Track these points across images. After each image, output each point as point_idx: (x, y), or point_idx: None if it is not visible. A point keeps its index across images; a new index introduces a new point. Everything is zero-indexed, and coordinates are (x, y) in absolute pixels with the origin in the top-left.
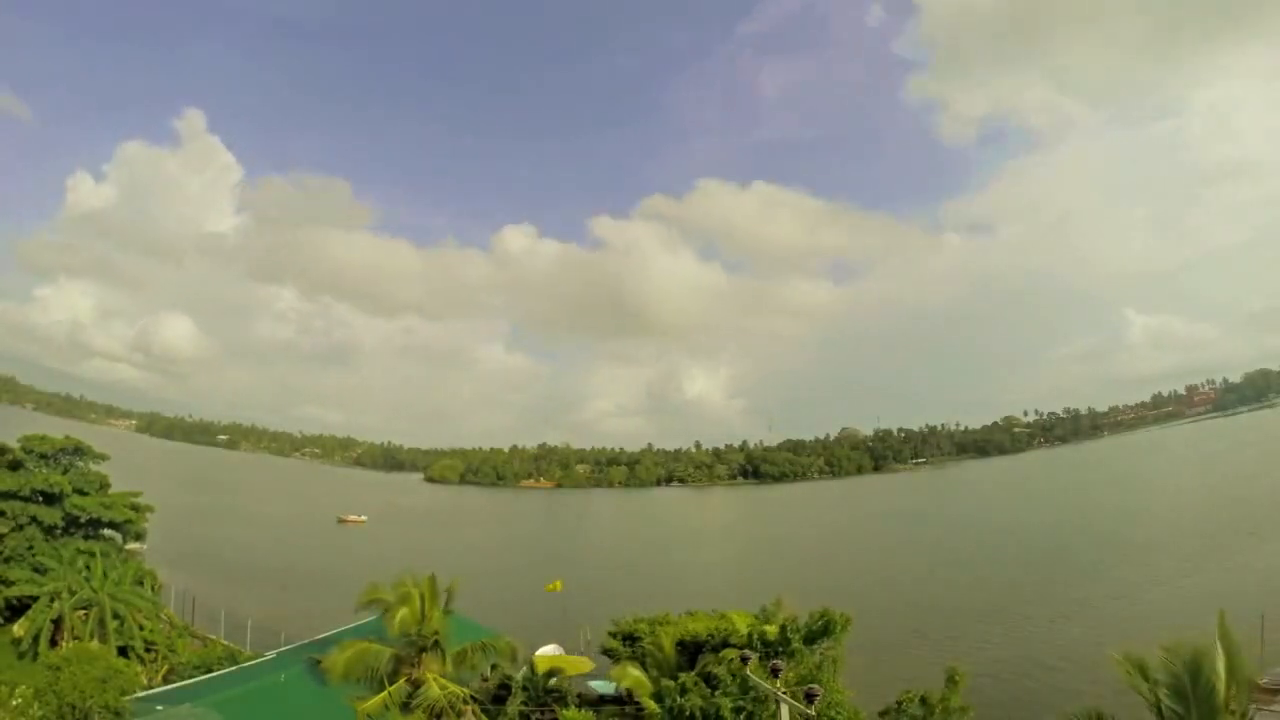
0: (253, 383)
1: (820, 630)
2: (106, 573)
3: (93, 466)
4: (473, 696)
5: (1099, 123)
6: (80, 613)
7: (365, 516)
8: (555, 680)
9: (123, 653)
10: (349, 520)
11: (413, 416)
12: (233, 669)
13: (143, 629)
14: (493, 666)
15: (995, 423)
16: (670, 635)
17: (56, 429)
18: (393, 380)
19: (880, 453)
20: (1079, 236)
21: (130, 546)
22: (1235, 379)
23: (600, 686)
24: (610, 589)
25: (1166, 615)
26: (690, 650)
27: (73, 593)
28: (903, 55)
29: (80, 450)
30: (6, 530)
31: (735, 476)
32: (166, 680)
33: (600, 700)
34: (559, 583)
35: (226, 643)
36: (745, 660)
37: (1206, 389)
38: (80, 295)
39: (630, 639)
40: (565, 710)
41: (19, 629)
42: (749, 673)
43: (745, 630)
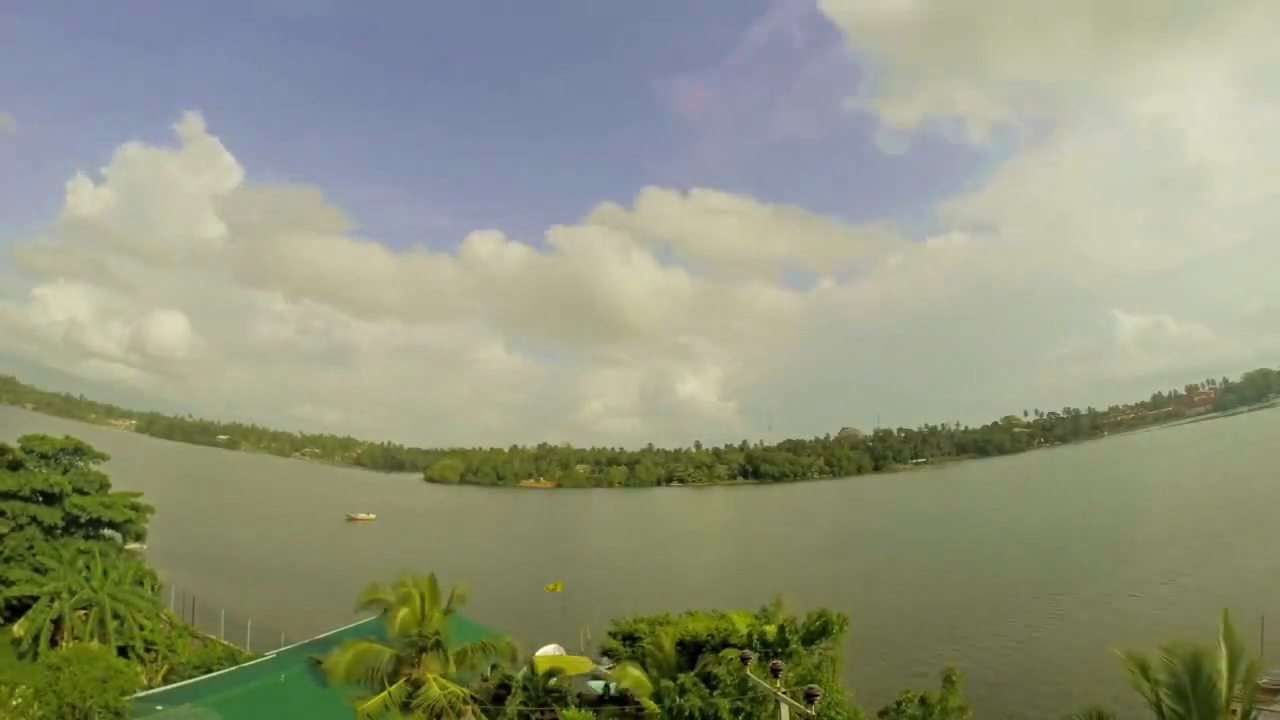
0: (250, 383)
1: (819, 630)
2: (106, 573)
3: (93, 466)
4: (473, 696)
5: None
6: (80, 613)
7: (374, 515)
8: (555, 680)
9: (123, 653)
10: (359, 519)
11: (410, 416)
12: (233, 669)
13: (143, 629)
14: (493, 666)
15: (995, 423)
16: (670, 635)
17: (56, 429)
18: (389, 381)
19: (880, 453)
20: (1074, 237)
21: (130, 546)
22: (1235, 379)
23: (600, 686)
24: (610, 589)
25: (1167, 615)
26: (690, 650)
27: (73, 593)
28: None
29: (80, 450)
30: (6, 530)
31: (735, 476)
32: (166, 680)
33: (600, 700)
34: (559, 584)
35: (226, 643)
36: (745, 660)
37: (1206, 389)
38: (79, 296)
39: (630, 639)
40: (565, 710)
41: (19, 629)
42: (749, 673)
43: (745, 630)
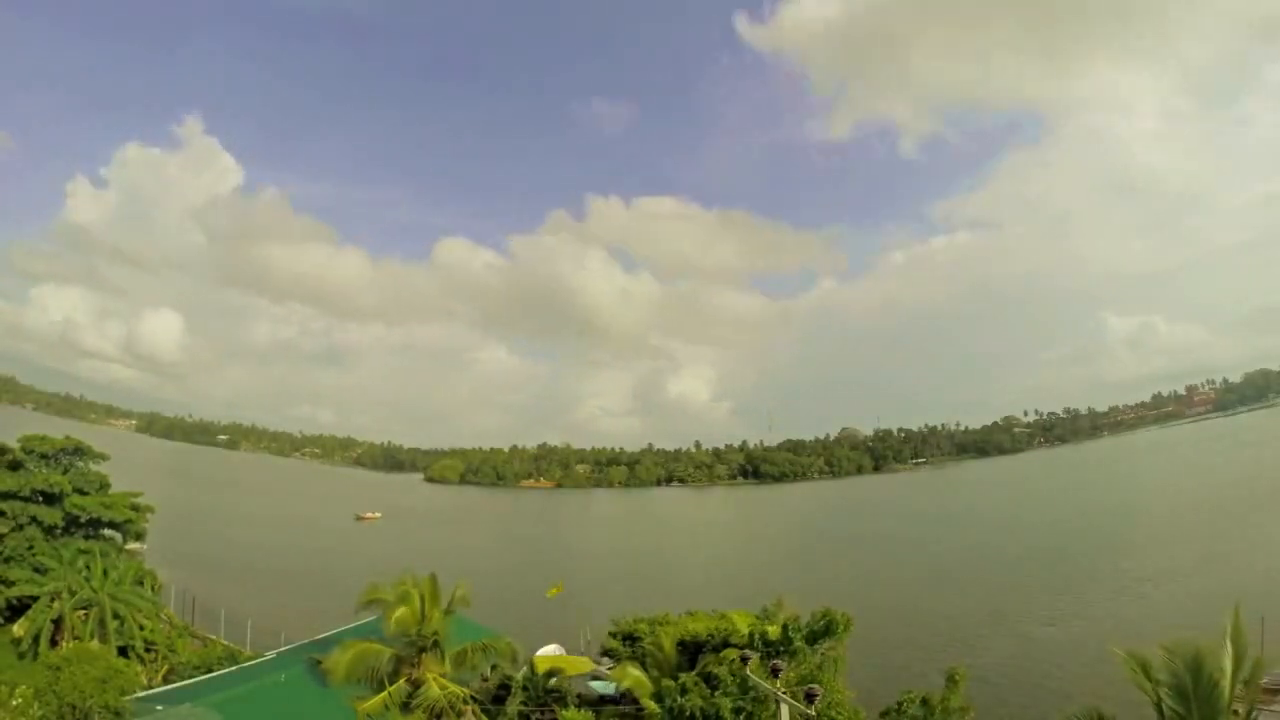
0: (248, 383)
1: (822, 630)
2: (107, 572)
3: (92, 466)
4: (473, 696)
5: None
6: (80, 613)
7: (380, 514)
8: (555, 680)
9: (123, 653)
10: (366, 517)
11: (407, 416)
12: (233, 669)
13: (143, 629)
14: (493, 667)
15: (995, 423)
16: (670, 635)
17: (56, 429)
18: (383, 381)
19: (880, 453)
20: (1070, 238)
21: (130, 546)
22: (1235, 379)
23: (600, 686)
24: (610, 589)
25: (1167, 616)
26: (690, 650)
27: (73, 593)
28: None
29: (80, 450)
30: (7, 530)
31: (735, 476)
32: (166, 680)
33: (600, 700)
34: (559, 586)
35: (226, 643)
36: (745, 660)
37: (1206, 389)
38: (78, 297)
39: (630, 639)
40: (565, 710)
41: (19, 629)
42: (749, 673)
43: (746, 630)
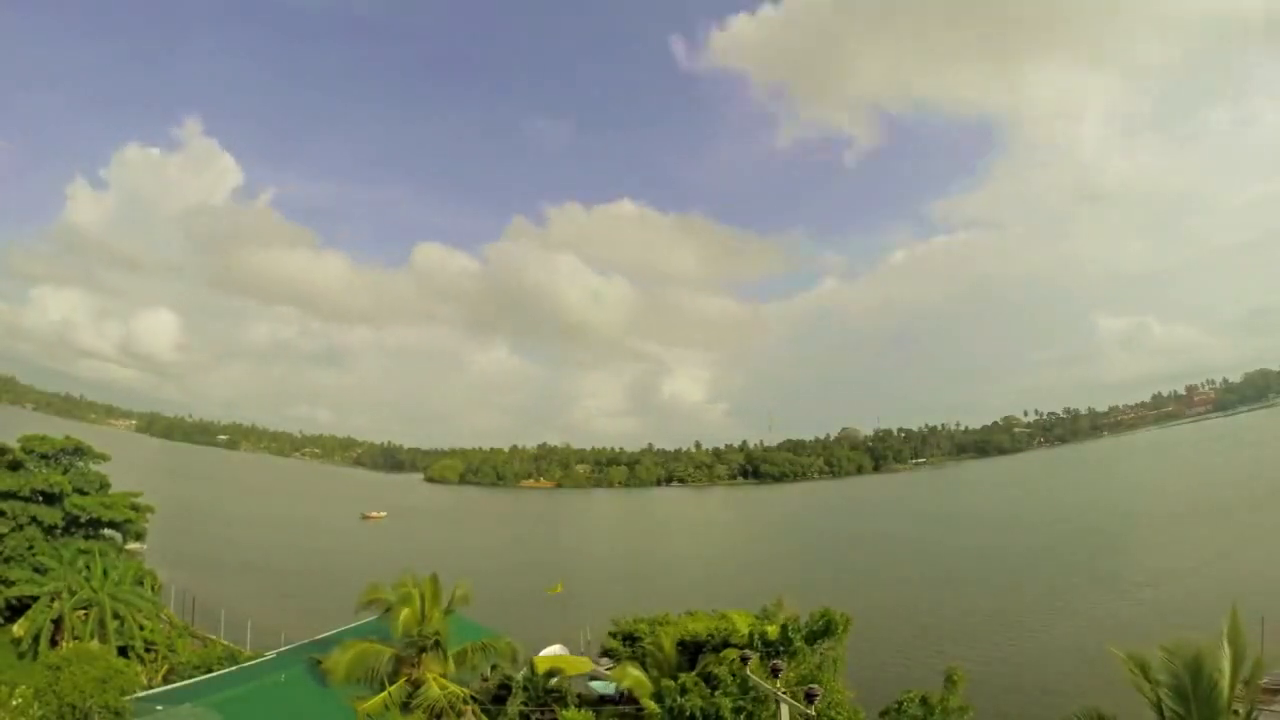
0: (246, 383)
1: (821, 630)
2: (106, 572)
3: (93, 466)
4: (473, 697)
5: None
6: (80, 613)
7: (385, 513)
8: (555, 680)
9: (123, 653)
10: (372, 516)
11: (404, 416)
12: (233, 669)
13: (143, 629)
14: (493, 667)
15: (995, 423)
16: (670, 635)
17: (57, 429)
18: (380, 381)
19: (880, 453)
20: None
21: (130, 546)
22: (1236, 379)
23: (600, 687)
24: (610, 589)
25: (1167, 616)
26: (690, 650)
27: (73, 593)
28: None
29: (80, 450)
30: (6, 530)
31: (735, 476)
32: (166, 680)
33: (600, 700)
34: (559, 585)
35: (226, 643)
36: (745, 660)
37: (1206, 389)
38: (76, 298)
39: (630, 639)
40: (565, 710)
41: (19, 629)
42: (749, 673)
43: (746, 630)
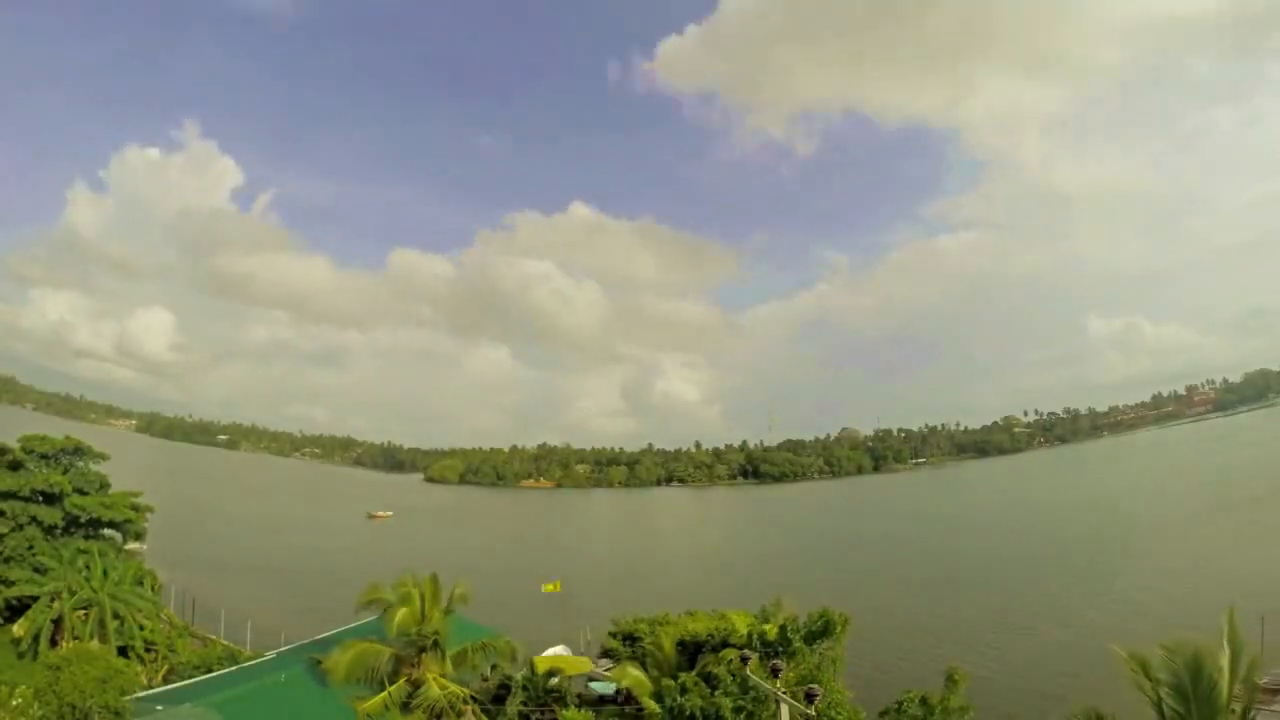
0: (244, 383)
1: (820, 630)
2: (107, 573)
3: (93, 466)
4: (473, 696)
5: None
6: (80, 613)
7: (390, 513)
8: (555, 680)
9: (123, 653)
10: (378, 516)
11: (402, 416)
12: (233, 669)
13: (143, 629)
14: (493, 667)
15: (995, 423)
16: (670, 635)
17: (57, 429)
18: (376, 382)
19: (880, 453)
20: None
21: (130, 546)
22: (1236, 379)
23: (600, 687)
24: (610, 589)
25: (1168, 616)
26: (690, 650)
27: (73, 593)
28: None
29: (80, 450)
30: (7, 530)
31: (735, 476)
32: (166, 680)
33: (600, 700)
34: (557, 583)
35: (226, 643)
36: (745, 660)
37: (1206, 389)
38: (74, 298)
39: (630, 639)
40: (565, 710)
41: (19, 629)
42: (749, 673)
43: (745, 630)
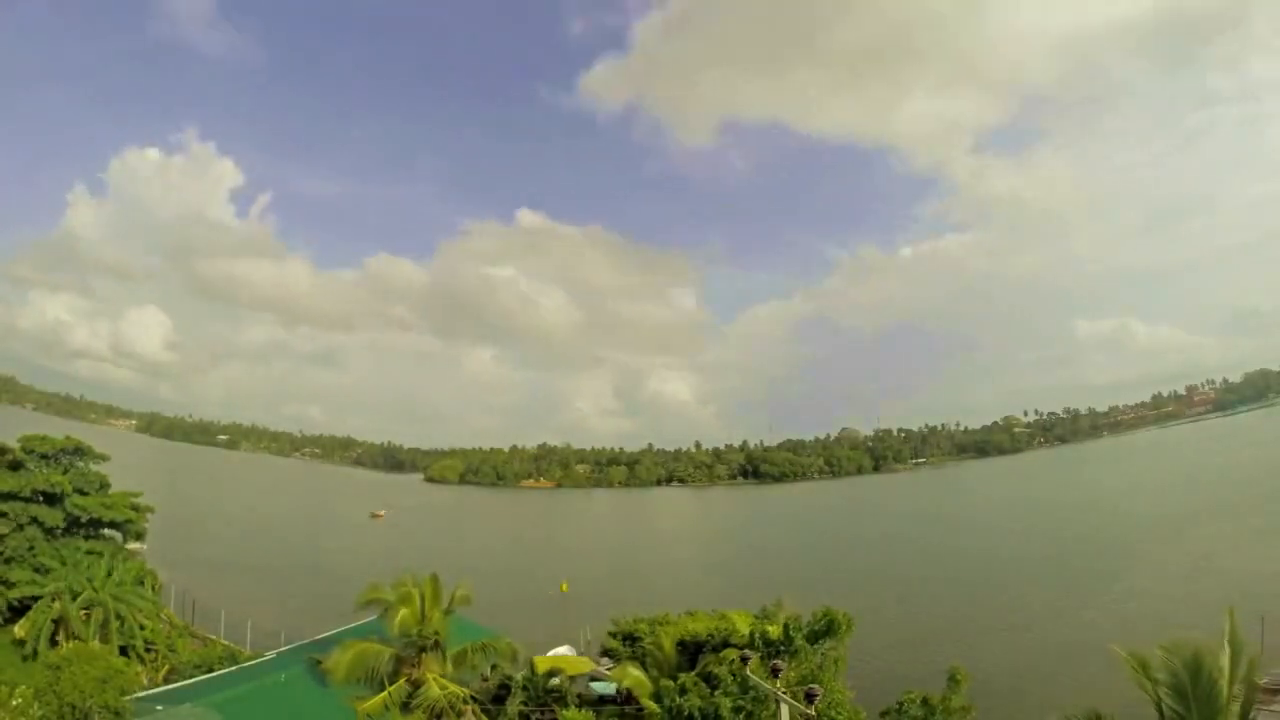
0: (242, 383)
1: (823, 630)
2: (109, 573)
3: (93, 466)
4: (473, 697)
5: None
6: (81, 613)
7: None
8: (555, 680)
9: (123, 653)
10: (380, 515)
11: (401, 416)
12: (233, 669)
13: (143, 629)
14: (493, 667)
15: (995, 423)
16: (670, 635)
17: (57, 429)
18: (373, 382)
19: (880, 453)
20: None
21: (130, 546)
22: (1236, 379)
23: (600, 687)
24: (610, 589)
25: (1167, 616)
26: (690, 650)
27: (74, 593)
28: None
29: (80, 450)
30: (7, 531)
31: (735, 476)
32: (167, 680)
33: (600, 700)
34: (565, 584)
35: (226, 643)
36: (745, 660)
37: (1206, 389)
38: (73, 299)
39: (630, 639)
40: (565, 710)
41: (20, 629)
42: (749, 673)
43: (746, 630)
